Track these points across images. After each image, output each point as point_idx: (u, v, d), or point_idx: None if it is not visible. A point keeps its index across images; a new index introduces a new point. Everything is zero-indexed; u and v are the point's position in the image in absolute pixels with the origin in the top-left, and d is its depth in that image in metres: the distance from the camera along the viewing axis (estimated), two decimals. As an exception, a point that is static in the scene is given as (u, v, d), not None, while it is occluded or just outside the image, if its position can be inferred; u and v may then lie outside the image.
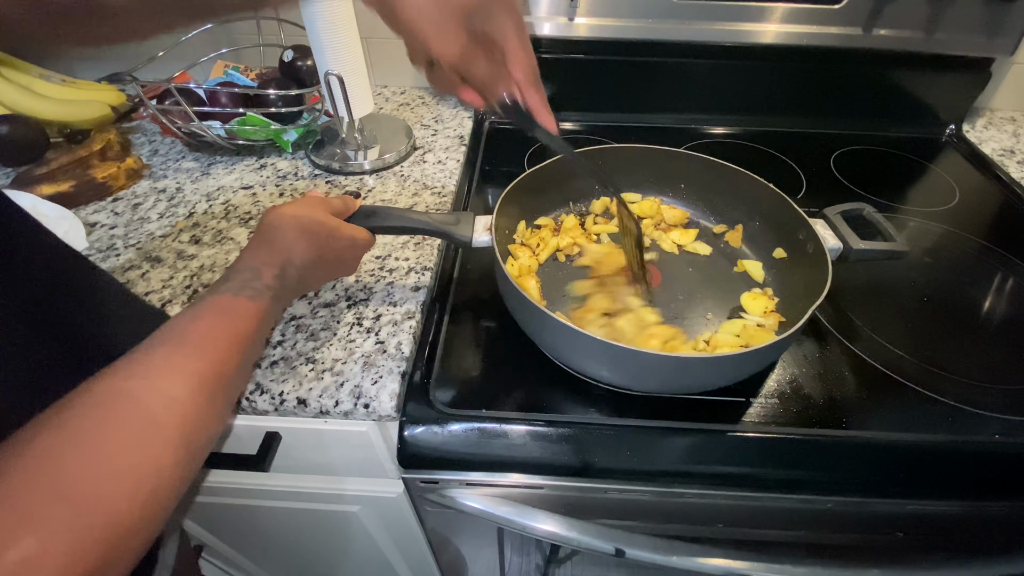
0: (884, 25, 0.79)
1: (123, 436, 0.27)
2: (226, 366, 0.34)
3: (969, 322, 0.58)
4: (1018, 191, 0.78)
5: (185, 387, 0.30)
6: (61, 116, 0.78)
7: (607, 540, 0.50)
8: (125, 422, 0.27)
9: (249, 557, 0.79)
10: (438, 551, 0.71)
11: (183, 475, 0.29)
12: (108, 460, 0.26)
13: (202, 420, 0.31)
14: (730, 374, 0.47)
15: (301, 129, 0.78)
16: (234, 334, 0.35)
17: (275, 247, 0.40)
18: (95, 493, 0.24)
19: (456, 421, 0.48)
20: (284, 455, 0.53)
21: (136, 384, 0.29)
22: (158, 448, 0.28)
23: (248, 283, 0.37)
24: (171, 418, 0.29)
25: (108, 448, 0.26)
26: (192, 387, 0.31)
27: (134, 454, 0.27)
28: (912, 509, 0.48)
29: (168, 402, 0.29)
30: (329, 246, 0.44)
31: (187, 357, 0.32)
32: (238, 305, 0.36)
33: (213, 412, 0.32)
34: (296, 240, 0.41)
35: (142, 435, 0.27)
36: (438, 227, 0.51)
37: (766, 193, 0.58)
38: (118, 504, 0.25)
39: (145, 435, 0.27)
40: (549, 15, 0.81)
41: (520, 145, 0.85)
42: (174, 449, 0.28)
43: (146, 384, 0.29)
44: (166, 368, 0.31)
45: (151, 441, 0.28)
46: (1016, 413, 0.48)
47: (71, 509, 0.23)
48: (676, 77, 0.88)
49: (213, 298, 0.36)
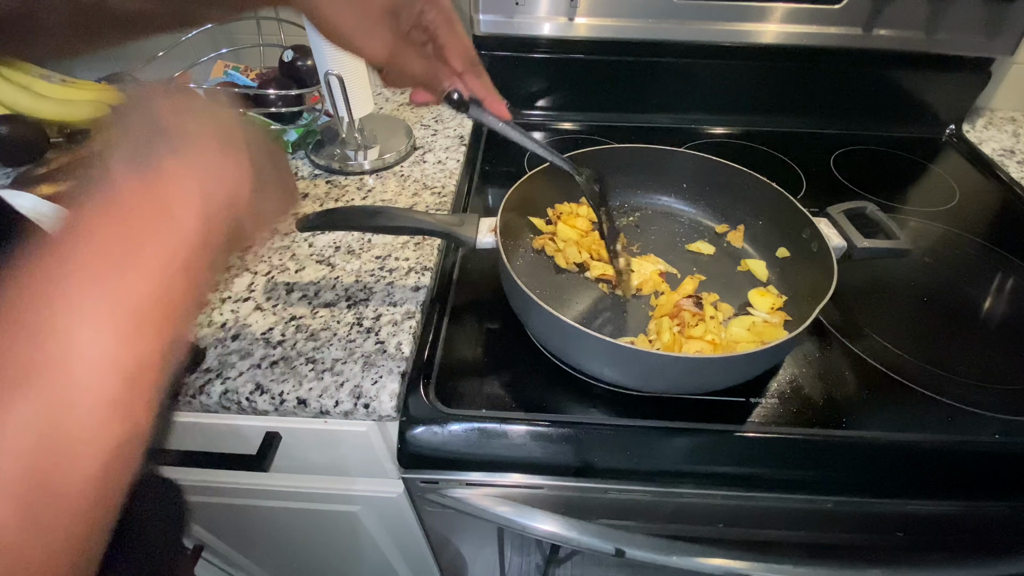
0: (884, 25, 0.79)
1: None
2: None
3: (969, 322, 0.58)
4: (1018, 191, 0.78)
5: None
6: (61, 116, 0.78)
7: (607, 540, 0.50)
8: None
9: (249, 557, 0.79)
10: (438, 551, 0.71)
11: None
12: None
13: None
14: (740, 374, 0.47)
15: (301, 129, 0.78)
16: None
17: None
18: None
19: (456, 421, 0.48)
20: (284, 455, 0.53)
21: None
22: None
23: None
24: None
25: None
26: None
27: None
28: (912, 509, 0.48)
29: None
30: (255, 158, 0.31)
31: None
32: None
33: None
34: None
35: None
36: (442, 228, 0.51)
37: (769, 192, 0.58)
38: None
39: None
40: (549, 15, 0.81)
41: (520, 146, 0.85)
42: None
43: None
44: None
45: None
46: (1016, 413, 0.48)
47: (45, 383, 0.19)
48: (676, 77, 0.88)
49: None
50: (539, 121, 0.93)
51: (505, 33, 0.83)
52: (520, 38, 0.84)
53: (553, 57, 0.87)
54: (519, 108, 0.92)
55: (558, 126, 0.92)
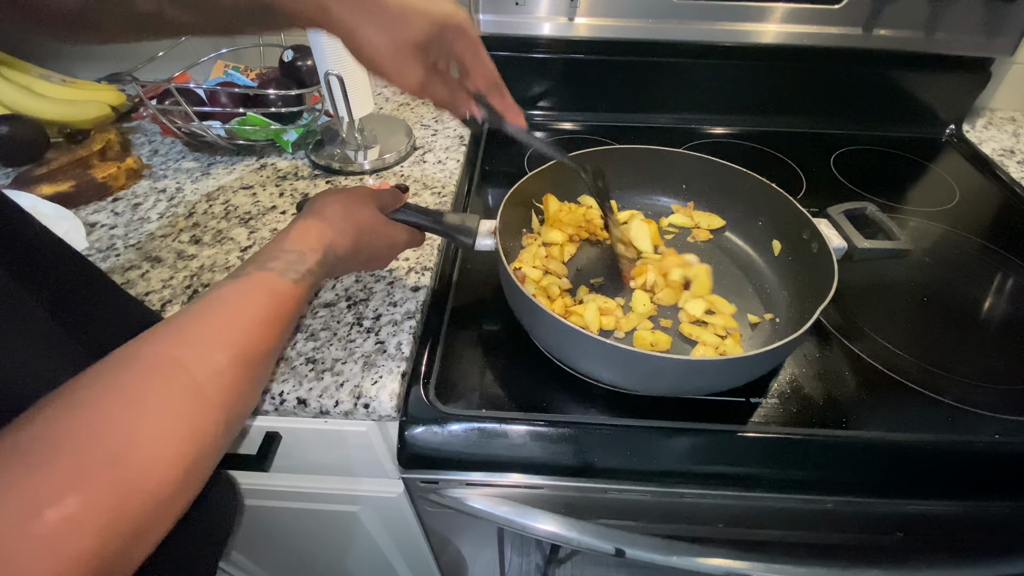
0: (884, 25, 0.79)
1: (174, 404, 0.27)
2: (266, 344, 0.34)
3: (969, 322, 0.58)
4: (1018, 191, 0.78)
5: (230, 361, 0.31)
6: (61, 116, 0.78)
7: (607, 540, 0.50)
8: (176, 391, 0.28)
9: (249, 557, 0.79)
10: (438, 551, 0.71)
11: (221, 446, 0.30)
12: (158, 427, 0.26)
13: (243, 394, 0.32)
14: (741, 376, 0.47)
15: (301, 129, 0.78)
16: (276, 314, 0.35)
17: (322, 233, 0.41)
18: (142, 459, 0.25)
19: (456, 421, 0.48)
20: (284, 455, 0.53)
21: (185, 352, 0.29)
22: (204, 418, 0.28)
23: (293, 265, 0.38)
24: (216, 390, 0.29)
25: (159, 415, 0.27)
26: (236, 361, 0.31)
27: (182, 423, 0.27)
28: (912, 509, 0.48)
29: (215, 374, 0.30)
30: (371, 243, 0.45)
31: (232, 331, 0.32)
32: (282, 286, 0.36)
33: (251, 388, 0.33)
34: (343, 230, 0.42)
35: (190, 404, 0.28)
36: (443, 226, 0.51)
37: (768, 193, 0.58)
38: (163, 472, 0.25)
39: (193, 405, 0.28)
40: (549, 15, 0.81)
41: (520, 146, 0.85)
42: (216, 421, 0.29)
43: (195, 354, 0.30)
44: (214, 339, 0.31)
45: (198, 411, 0.28)
46: (1016, 413, 0.48)
47: (118, 473, 0.24)
48: (676, 77, 0.88)
49: (259, 274, 0.36)
50: (539, 121, 0.93)
51: (505, 33, 0.83)
52: (520, 38, 0.84)
53: (553, 57, 0.87)
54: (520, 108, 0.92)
55: (558, 126, 0.92)
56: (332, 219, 0.42)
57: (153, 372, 0.28)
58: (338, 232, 0.42)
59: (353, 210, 0.44)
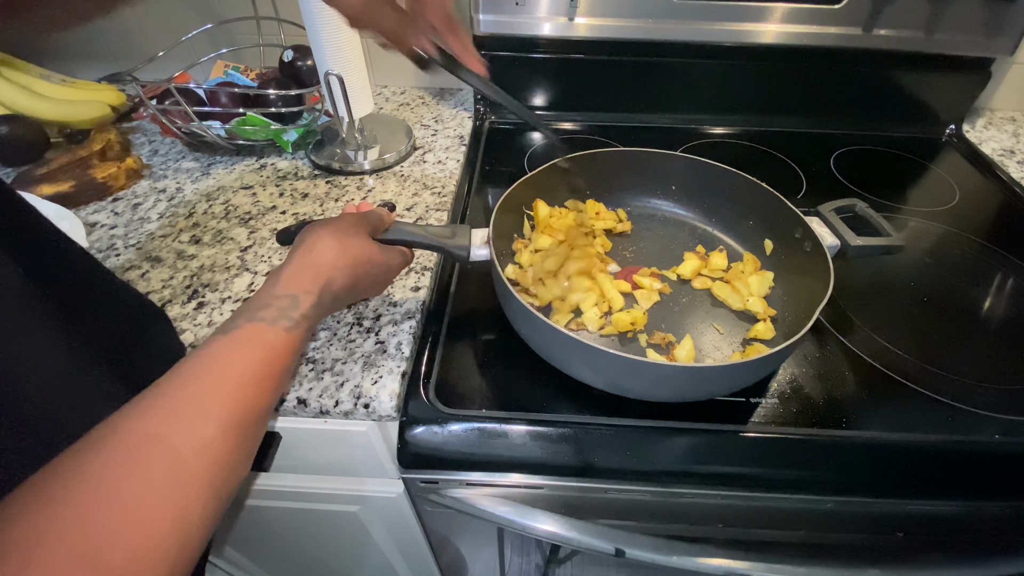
0: (884, 25, 0.79)
1: (156, 487, 0.25)
2: (259, 404, 0.32)
3: (969, 322, 0.58)
4: (1018, 191, 0.78)
5: (219, 430, 0.29)
6: (61, 116, 0.78)
7: (607, 540, 0.50)
8: (158, 471, 0.26)
9: (249, 557, 0.79)
10: (438, 551, 0.71)
11: (210, 525, 0.28)
12: (139, 515, 0.24)
13: (233, 464, 0.29)
14: (741, 381, 0.47)
15: (301, 129, 0.78)
16: (268, 370, 0.33)
17: (317, 272, 0.39)
18: (124, 554, 0.23)
19: (456, 421, 0.48)
20: (284, 455, 0.53)
21: (169, 426, 0.27)
22: (190, 498, 0.26)
23: (285, 312, 0.35)
24: (203, 464, 0.27)
25: (140, 501, 0.25)
26: (226, 429, 0.29)
27: (166, 506, 0.25)
28: (912, 509, 0.48)
29: (202, 448, 0.28)
30: (368, 273, 0.43)
31: (220, 395, 0.30)
32: (274, 337, 0.34)
33: (243, 455, 0.31)
34: (338, 266, 0.40)
35: (174, 484, 0.26)
36: (433, 241, 0.49)
37: (759, 193, 0.58)
38: (146, 567, 0.24)
39: (177, 484, 0.26)
40: (549, 15, 0.81)
41: (520, 145, 0.85)
42: (204, 500, 0.27)
43: (180, 428, 0.28)
44: (200, 407, 0.29)
45: (183, 491, 0.26)
46: (1016, 413, 0.48)
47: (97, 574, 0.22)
48: (676, 77, 0.88)
49: (248, 327, 0.34)
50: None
51: (505, 33, 0.83)
52: (520, 38, 0.84)
53: (553, 57, 0.86)
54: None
55: (558, 126, 0.92)
56: (325, 255, 0.40)
57: (132, 452, 0.26)
58: (333, 269, 0.40)
59: (347, 243, 0.41)
